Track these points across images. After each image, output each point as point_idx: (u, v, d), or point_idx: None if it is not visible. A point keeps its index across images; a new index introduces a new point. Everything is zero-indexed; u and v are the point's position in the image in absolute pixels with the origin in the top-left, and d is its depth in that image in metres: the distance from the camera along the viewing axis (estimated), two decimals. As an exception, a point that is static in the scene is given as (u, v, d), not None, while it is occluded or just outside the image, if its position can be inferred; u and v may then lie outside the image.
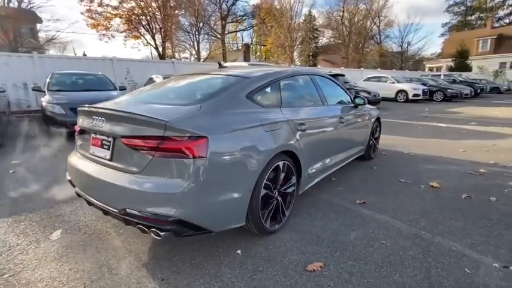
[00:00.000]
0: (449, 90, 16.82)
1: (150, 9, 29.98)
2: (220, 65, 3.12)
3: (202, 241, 2.30)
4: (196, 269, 1.98)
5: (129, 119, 1.87)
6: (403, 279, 1.88)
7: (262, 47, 42.70)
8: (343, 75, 13.29)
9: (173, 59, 18.78)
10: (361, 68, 24.14)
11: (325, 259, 2.08)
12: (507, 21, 42.10)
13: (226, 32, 35.96)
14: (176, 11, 31.89)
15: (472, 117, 10.13)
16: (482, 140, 6.37)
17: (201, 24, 28.56)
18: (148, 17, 30.66)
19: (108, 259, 2.09)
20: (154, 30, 31.38)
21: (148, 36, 31.60)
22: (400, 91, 16.12)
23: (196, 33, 29.37)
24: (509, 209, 2.92)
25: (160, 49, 31.76)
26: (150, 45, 33.06)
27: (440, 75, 22.70)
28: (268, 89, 2.52)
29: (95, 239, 2.35)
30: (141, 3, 29.50)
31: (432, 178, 3.77)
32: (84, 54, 27.71)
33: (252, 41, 47.14)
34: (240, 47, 48.79)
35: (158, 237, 1.81)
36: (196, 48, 30.61)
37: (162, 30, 31.01)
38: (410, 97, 15.73)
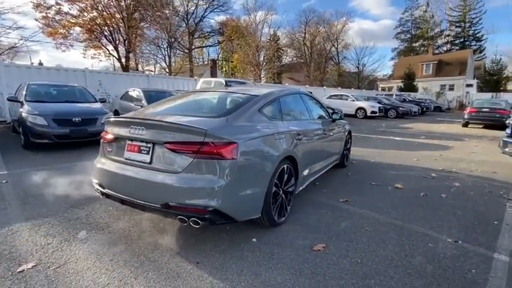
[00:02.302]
0: (401, 108, 18.83)
1: (113, 20, 29.51)
2: (226, 84, 3.57)
3: (221, 233, 2.68)
4: (224, 254, 2.36)
5: (172, 128, 2.24)
6: (386, 252, 2.45)
7: (229, 63, 43.68)
8: (310, 93, 14.34)
9: (147, 73, 18.72)
10: (324, 87, 25.93)
11: (325, 242, 2.58)
12: (445, 48, 48.08)
13: (193, 47, 36.40)
14: (141, 23, 31.72)
15: (421, 132, 11.60)
16: (431, 151, 7.48)
17: (173, 40, 28.69)
18: (111, 28, 30.14)
19: (141, 251, 2.37)
20: (117, 42, 30.85)
21: (110, 47, 31.01)
22: (360, 108, 17.68)
23: (168, 48, 29.37)
24: (455, 202, 3.70)
25: (123, 60, 31.20)
26: (113, 56, 32.36)
27: (392, 94, 25.18)
28: (272, 105, 3.03)
29: (122, 237, 2.61)
30: (104, 13, 28.96)
31: (396, 181, 4.51)
32: (40, 63, 26.18)
33: (218, 56, 48.09)
34: (205, 62, 49.47)
35: (197, 226, 2.18)
36: (167, 62, 30.49)
37: (126, 41, 30.59)
38: (368, 114, 17.32)
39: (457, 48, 46.06)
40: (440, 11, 49.48)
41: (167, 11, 31.17)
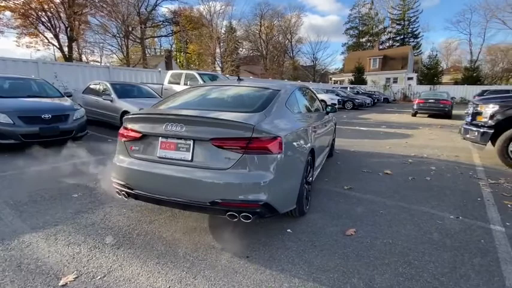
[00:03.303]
0: (357, 100, 20.16)
1: (52, 4, 26.75)
2: (239, 78, 3.51)
3: (254, 227, 2.70)
4: (268, 246, 2.41)
5: (219, 123, 2.20)
6: (407, 232, 2.72)
7: (185, 54, 42.20)
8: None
9: (108, 64, 17.27)
10: (285, 80, 26.54)
11: (353, 227, 2.77)
12: (388, 44, 52.23)
13: (145, 37, 34.42)
14: (85, 10, 29.11)
15: (380, 122, 12.60)
16: (397, 139, 8.23)
17: (131, 29, 26.80)
18: (49, 14, 27.34)
19: (184, 251, 2.31)
20: (57, 29, 28.15)
21: (49, 35, 28.27)
22: (321, 101, 18.49)
23: (125, 38, 27.41)
24: (439, 184, 4.19)
25: (66, 50, 28.53)
26: (53, 45, 29.53)
27: (347, 87, 26.77)
28: (292, 99, 3.10)
29: (154, 238, 2.50)
30: (40, -5, 26.04)
31: (383, 167, 4.93)
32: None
33: (171, 47, 46.19)
34: (158, 53, 47.20)
35: (248, 220, 2.19)
36: (124, 53, 28.50)
37: (68, 29, 28.04)
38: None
39: (398, 44, 50.38)
40: (383, 9, 53.56)
41: (114, -3, 28.90)
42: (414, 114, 15.46)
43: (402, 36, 51.79)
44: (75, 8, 27.56)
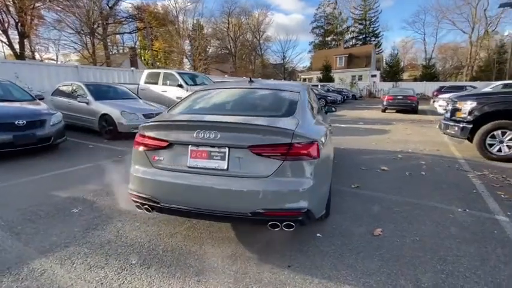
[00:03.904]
0: (329, 98, 20.75)
1: (-2, -4, 24.43)
2: (251, 80, 3.39)
3: (284, 235, 2.61)
4: (305, 253, 2.36)
5: (257, 130, 2.10)
6: (428, 228, 2.83)
7: (152, 51, 40.50)
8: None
9: (76, 63, 16.08)
10: (259, 78, 26.57)
11: (378, 226, 2.82)
12: (351, 43, 54.40)
13: (108, 34, 32.58)
14: (38, 3, 26.89)
15: (356, 119, 13.08)
16: (378, 135, 8.58)
17: (96, 26, 25.14)
18: None
19: (220, 265, 2.19)
20: (6, 24, 25.87)
21: None
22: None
23: (91, 35, 25.71)
24: (435, 178, 4.42)
25: (17, 47, 26.29)
26: (1, 41, 27.14)
27: (317, 85, 27.48)
28: (309, 100, 3.07)
29: (183, 254, 2.34)
30: (-17, -14, 23.68)
31: (378, 164, 5.10)
32: None
33: (135, 44, 44.25)
34: (121, 51, 44.95)
35: (290, 229, 2.13)
36: (90, 51, 26.79)
37: (19, 24, 25.87)
38: (303, 103, 18.55)
39: (361, 43, 52.68)
40: (346, 9, 55.64)
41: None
42: (384, 110, 16.27)
43: (364, 36, 54.22)
44: (26, 2, 25.36)
